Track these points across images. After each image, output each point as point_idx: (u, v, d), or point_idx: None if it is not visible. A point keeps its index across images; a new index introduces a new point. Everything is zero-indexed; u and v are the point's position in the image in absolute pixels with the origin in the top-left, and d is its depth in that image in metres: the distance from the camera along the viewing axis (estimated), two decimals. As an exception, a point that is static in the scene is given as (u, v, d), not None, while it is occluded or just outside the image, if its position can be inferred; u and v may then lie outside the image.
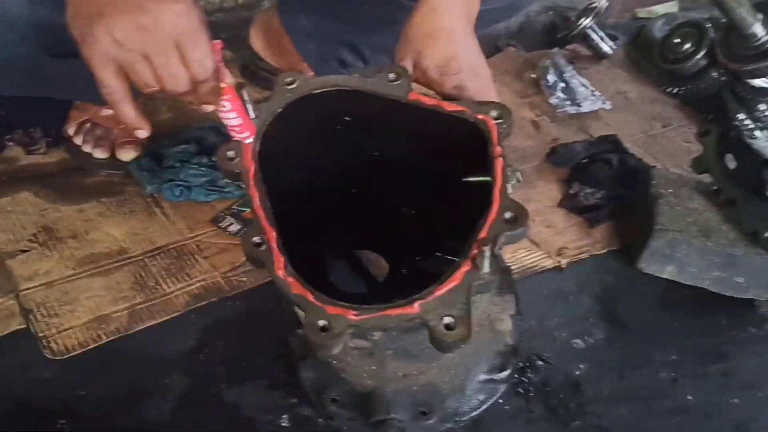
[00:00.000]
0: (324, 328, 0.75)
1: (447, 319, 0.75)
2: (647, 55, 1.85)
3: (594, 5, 1.87)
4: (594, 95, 1.73)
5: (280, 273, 0.79)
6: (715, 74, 1.16)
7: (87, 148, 1.38)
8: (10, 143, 1.41)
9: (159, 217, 1.29)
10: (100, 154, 1.37)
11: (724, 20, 1.12)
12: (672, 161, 1.58)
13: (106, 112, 1.38)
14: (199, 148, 1.37)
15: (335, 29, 1.47)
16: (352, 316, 0.76)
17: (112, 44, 0.78)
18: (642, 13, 2.21)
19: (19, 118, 1.43)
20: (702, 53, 1.15)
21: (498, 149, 0.86)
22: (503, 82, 1.81)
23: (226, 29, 1.83)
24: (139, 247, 1.22)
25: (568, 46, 1.93)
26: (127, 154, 1.37)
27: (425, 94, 0.95)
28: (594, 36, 1.88)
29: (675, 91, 1.22)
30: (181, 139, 1.40)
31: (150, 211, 1.30)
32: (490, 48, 1.97)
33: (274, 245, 0.81)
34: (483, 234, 0.79)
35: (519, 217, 0.80)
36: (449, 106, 0.92)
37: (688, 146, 1.61)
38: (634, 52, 1.94)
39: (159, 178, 1.31)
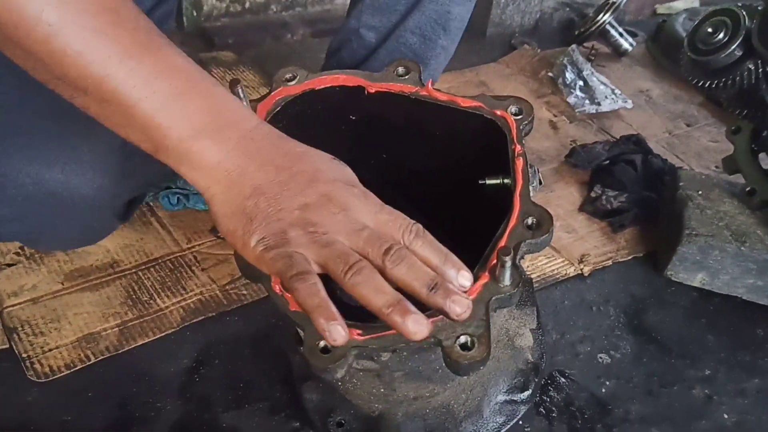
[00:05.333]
0: (325, 350, 0.67)
1: (463, 338, 0.67)
2: (669, 51, 1.80)
3: (613, 0, 1.81)
4: (614, 94, 1.67)
5: (277, 287, 0.71)
6: (750, 65, 1.09)
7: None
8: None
9: (154, 226, 1.22)
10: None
11: (760, 6, 1.04)
12: (698, 162, 1.53)
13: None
14: (197, 153, 1.30)
15: None
16: (356, 335, 0.68)
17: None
18: (661, 8, 2.16)
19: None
20: (736, 43, 1.08)
21: (518, 147, 0.78)
22: (519, 81, 1.75)
23: (233, 34, 1.80)
24: (132, 259, 1.15)
25: (586, 44, 1.87)
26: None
27: (438, 89, 0.87)
28: (613, 32, 1.83)
29: (706, 84, 1.15)
30: (178, 144, 1.33)
31: (145, 221, 1.22)
32: (504, 46, 1.92)
33: (270, 257, 0.73)
34: (503, 242, 0.71)
35: (542, 223, 0.73)
36: (464, 102, 0.85)
37: (716, 145, 1.56)
38: (655, 49, 1.89)
39: (155, 186, 1.24)
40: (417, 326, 0.61)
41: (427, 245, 0.66)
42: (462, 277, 0.66)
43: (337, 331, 0.61)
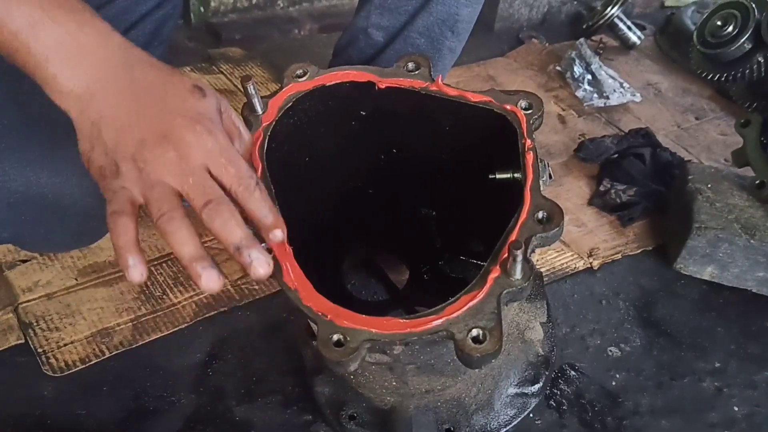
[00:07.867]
0: (339, 343, 0.68)
1: (475, 332, 0.67)
2: (678, 44, 1.80)
3: (621, -7, 1.81)
4: (623, 87, 1.66)
5: (289, 282, 0.72)
6: (760, 58, 1.09)
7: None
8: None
9: (166, 222, 1.22)
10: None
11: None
12: (707, 155, 1.53)
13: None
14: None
15: None
16: (370, 328, 0.68)
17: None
18: (669, 1, 2.16)
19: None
20: (746, 36, 1.08)
21: (528, 142, 0.79)
22: (527, 75, 1.75)
23: (241, 30, 1.80)
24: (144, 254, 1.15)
25: (594, 37, 1.87)
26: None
27: (447, 84, 0.88)
28: (621, 25, 1.83)
29: (715, 77, 1.15)
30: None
31: (157, 217, 1.23)
32: (512, 40, 1.92)
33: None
34: (514, 236, 0.72)
35: (553, 217, 0.73)
36: (474, 97, 0.85)
37: (725, 138, 1.56)
38: (664, 42, 1.89)
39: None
40: (210, 281, 0.64)
41: (255, 200, 0.68)
42: (273, 235, 0.68)
43: (136, 270, 0.64)
